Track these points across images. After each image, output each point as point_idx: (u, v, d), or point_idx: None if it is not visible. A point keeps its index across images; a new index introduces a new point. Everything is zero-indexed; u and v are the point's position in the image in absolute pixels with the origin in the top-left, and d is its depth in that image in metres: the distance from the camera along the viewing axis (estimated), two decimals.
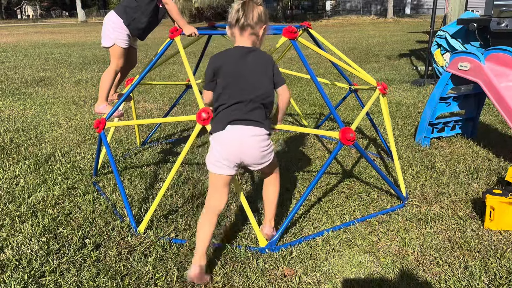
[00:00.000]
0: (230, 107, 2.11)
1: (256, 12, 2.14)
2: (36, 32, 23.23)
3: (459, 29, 6.75)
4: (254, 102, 2.11)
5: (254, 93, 2.11)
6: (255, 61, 2.16)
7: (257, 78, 2.14)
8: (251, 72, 2.14)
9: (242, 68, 2.13)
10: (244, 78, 2.12)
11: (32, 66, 9.70)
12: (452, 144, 3.99)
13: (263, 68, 2.17)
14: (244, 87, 2.11)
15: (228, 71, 2.14)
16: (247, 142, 2.09)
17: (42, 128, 4.69)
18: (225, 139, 2.09)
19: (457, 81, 3.85)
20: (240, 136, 2.08)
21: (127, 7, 3.13)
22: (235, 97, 2.10)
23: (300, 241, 2.40)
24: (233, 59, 2.16)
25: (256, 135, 2.10)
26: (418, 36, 15.94)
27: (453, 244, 2.38)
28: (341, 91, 6.29)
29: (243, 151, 2.09)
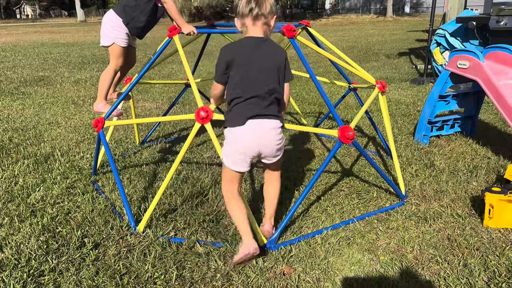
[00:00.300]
0: (246, 101, 2.12)
1: (268, 3, 2.16)
2: (35, 32, 23.22)
3: (458, 27, 6.76)
4: (270, 96, 2.14)
5: (268, 86, 2.13)
6: (269, 52, 2.18)
7: (271, 71, 2.16)
8: (265, 64, 2.15)
9: (256, 60, 2.14)
10: (258, 70, 2.13)
11: (31, 65, 9.70)
12: (451, 142, 3.99)
13: (277, 61, 2.18)
14: (259, 80, 2.13)
15: (242, 63, 2.14)
16: (266, 134, 2.14)
17: (41, 127, 4.68)
18: (244, 133, 2.12)
19: (456, 79, 3.85)
20: (261, 130, 2.12)
21: (126, 6, 3.13)
22: (250, 91, 2.12)
23: (299, 239, 2.40)
24: (246, 50, 2.17)
25: (274, 127, 2.16)
26: (417, 35, 15.94)
27: (452, 242, 2.38)
28: (341, 90, 6.29)
29: (261, 143, 2.14)
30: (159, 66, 9.15)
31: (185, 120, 4.79)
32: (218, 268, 2.18)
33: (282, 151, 2.27)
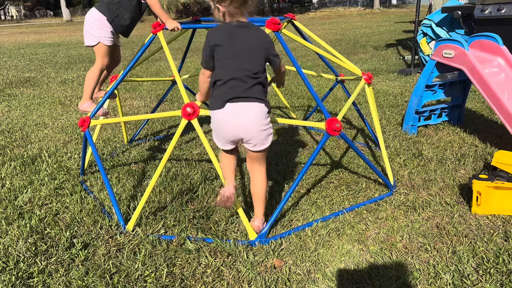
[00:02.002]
0: (226, 83, 2.13)
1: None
2: (21, 33, 22.92)
3: (444, 17, 6.78)
4: (251, 79, 2.13)
5: (250, 70, 2.13)
6: (253, 36, 2.18)
7: (254, 55, 2.16)
8: (247, 49, 2.15)
9: (239, 43, 2.14)
10: (240, 54, 2.13)
11: (16, 67, 9.58)
12: (439, 131, 4.02)
13: (260, 45, 2.18)
14: (240, 63, 2.13)
15: (225, 46, 2.15)
16: (247, 117, 2.14)
17: (28, 129, 4.63)
18: (221, 116, 2.16)
19: (442, 68, 3.87)
20: (240, 113, 2.13)
21: (109, 3, 3.09)
22: (231, 73, 2.13)
23: (290, 232, 2.41)
24: (229, 33, 2.16)
25: (256, 111, 2.15)
26: (404, 26, 16.00)
27: (441, 230, 2.40)
28: (329, 83, 6.30)
29: (241, 126, 2.15)
30: (146, 64, 9.09)
31: (173, 117, 4.76)
32: (208, 264, 2.17)
33: (269, 138, 2.25)
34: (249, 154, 2.32)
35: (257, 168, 2.36)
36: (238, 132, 2.18)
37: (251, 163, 2.36)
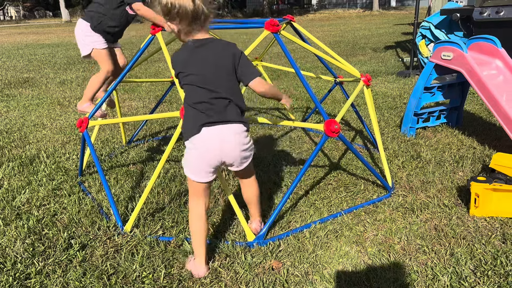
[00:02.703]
0: (198, 106, 1.97)
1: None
2: (20, 33, 22.90)
3: (443, 19, 6.80)
4: (221, 100, 1.96)
5: (219, 90, 1.95)
6: (213, 54, 1.95)
7: (219, 74, 1.95)
8: (211, 67, 1.95)
9: (198, 67, 1.95)
10: (205, 74, 1.95)
11: (15, 67, 9.57)
12: (437, 133, 4.02)
13: (223, 63, 1.96)
14: (207, 84, 1.95)
15: (187, 72, 1.97)
16: (227, 140, 1.99)
17: (26, 129, 4.63)
18: (201, 142, 1.98)
19: (441, 71, 3.88)
20: (218, 135, 1.97)
21: (92, 12, 3.11)
22: (198, 98, 1.96)
23: (288, 234, 2.41)
24: (188, 58, 1.97)
25: (236, 132, 2.01)
26: (403, 28, 16.02)
27: (439, 232, 2.40)
28: (328, 84, 6.30)
29: (223, 150, 1.99)
30: (145, 65, 9.09)
31: (172, 118, 4.76)
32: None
33: (250, 156, 2.14)
34: (235, 171, 2.22)
35: (246, 178, 2.29)
36: (220, 156, 2.01)
37: (239, 176, 2.29)
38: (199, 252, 2.10)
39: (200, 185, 2.06)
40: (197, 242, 2.10)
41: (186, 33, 1.94)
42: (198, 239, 2.09)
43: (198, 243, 2.09)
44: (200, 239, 2.09)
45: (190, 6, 1.83)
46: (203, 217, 2.09)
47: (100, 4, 3.11)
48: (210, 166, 2.03)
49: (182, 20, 1.88)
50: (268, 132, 4.27)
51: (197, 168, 2.03)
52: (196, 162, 2.02)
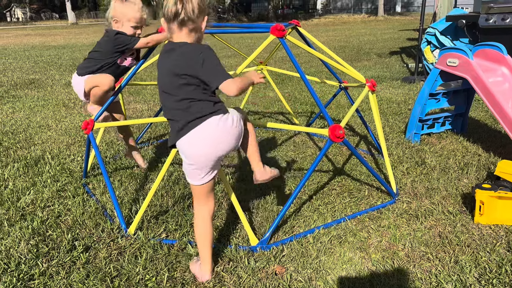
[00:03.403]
0: (168, 114, 1.98)
1: (196, 3, 1.87)
2: (26, 35, 23.05)
3: (448, 25, 6.79)
4: (184, 101, 1.90)
5: (178, 93, 1.90)
6: (179, 57, 1.89)
7: (176, 80, 1.89)
8: (171, 72, 1.90)
9: (165, 68, 1.94)
10: (165, 79, 1.94)
11: (21, 68, 9.62)
12: (442, 140, 4.01)
13: (187, 66, 1.87)
14: (167, 90, 1.94)
15: (159, 74, 1.98)
16: (208, 138, 1.91)
17: (31, 130, 4.65)
18: (185, 148, 1.95)
19: (446, 77, 3.87)
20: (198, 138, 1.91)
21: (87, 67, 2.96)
22: (164, 102, 1.98)
23: (291, 239, 2.40)
24: (161, 57, 1.98)
25: (212, 125, 1.91)
26: (408, 34, 16.02)
27: (443, 239, 2.39)
28: (333, 89, 6.30)
29: (210, 147, 1.93)
30: (150, 68, 9.11)
31: None
32: None
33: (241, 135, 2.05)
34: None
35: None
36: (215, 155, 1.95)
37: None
38: (205, 256, 2.09)
39: (199, 187, 2.03)
40: (203, 246, 2.09)
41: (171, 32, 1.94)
42: (203, 243, 2.09)
43: (204, 247, 2.09)
44: (205, 243, 2.08)
45: (172, 7, 1.85)
46: (206, 220, 2.08)
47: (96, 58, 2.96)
48: (205, 167, 1.97)
49: (165, 14, 1.90)
50: (272, 136, 4.27)
51: (192, 172, 2.00)
52: (189, 168, 2.00)
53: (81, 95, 3.03)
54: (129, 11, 2.87)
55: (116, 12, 2.88)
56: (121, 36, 2.85)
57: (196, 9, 1.87)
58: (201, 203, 2.08)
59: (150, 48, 2.96)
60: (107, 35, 2.91)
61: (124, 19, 2.88)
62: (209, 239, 2.08)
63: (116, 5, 2.88)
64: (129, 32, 2.92)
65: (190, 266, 2.16)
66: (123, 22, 2.89)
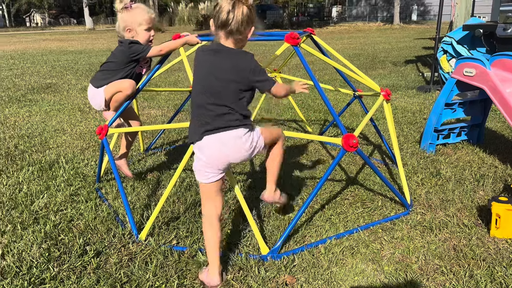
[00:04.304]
0: (197, 111, 2.04)
1: (246, 15, 1.97)
2: (44, 40, 23.48)
3: (465, 35, 6.72)
4: (222, 107, 1.98)
5: (219, 99, 1.98)
6: (228, 61, 1.99)
7: (224, 83, 1.98)
8: (218, 75, 1.99)
9: (210, 68, 2.01)
10: (210, 80, 2.00)
11: (39, 73, 9.79)
12: (458, 150, 3.95)
13: (236, 71, 1.98)
14: (208, 91, 2.00)
15: (197, 69, 2.05)
16: (227, 146, 2.01)
17: (47, 134, 4.71)
18: (203, 149, 2.04)
19: (462, 87, 3.82)
20: (218, 142, 2.00)
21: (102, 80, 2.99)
22: (199, 101, 2.03)
23: (303, 249, 2.37)
24: (204, 56, 2.05)
25: (236, 136, 2.01)
26: (424, 43, 15.90)
27: (458, 252, 2.34)
28: (347, 98, 6.26)
29: (226, 155, 2.03)
30: (165, 74, 9.19)
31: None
32: None
33: (259, 148, 2.13)
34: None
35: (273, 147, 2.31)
36: (227, 159, 2.04)
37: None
38: (213, 260, 2.08)
39: (208, 186, 2.08)
40: (210, 249, 2.09)
41: (215, 35, 2.06)
42: (211, 246, 2.09)
43: (211, 250, 2.09)
44: (213, 246, 2.08)
45: (224, 15, 1.96)
46: (214, 223, 2.09)
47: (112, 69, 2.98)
48: (216, 168, 2.06)
49: (214, 21, 2.02)
50: (284, 144, 4.25)
51: (203, 170, 2.07)
52: (202, 167, 2.07)
53: (99, 106, 3.05)
54: (137, 15, 2.92)
55: (126, 21, 2.92)
56: (135, 45, 2.89)
57: (245, 21, 1.98)
58: (208, 202, 2.12)
59: (163, 56, 2.98)
60: (122, 45, 2.94)
61: (136, 25, 2.92)
62: (217, 243, 2.09)
63: (123, 15, 2.92)
64: (145, 37, 2.96)
65: (199, 275, 2.15)
66: (135, 29, 2.93)
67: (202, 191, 2.14)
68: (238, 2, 1.96)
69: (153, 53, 2.90)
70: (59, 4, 60.25)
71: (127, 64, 2.94)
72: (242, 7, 1.96)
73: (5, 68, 10.55)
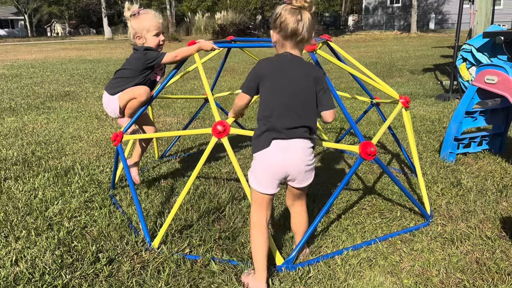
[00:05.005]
0: (271, 120, 2.02)
1: (312, 22, 2.01)
2: (64, 49, 23.93)
3: (485, 42, 6.59)
4: (300, 119, 2.03)
5: (296, 111, 2.02)
6: (305, 74, 2.05)
7: (302, 94, 2.04)
8: (296, 88, 2.03)
9: (287, 81, 2.03)
10: (288, 93, 2.02)
11: (58, 81, 9.94)
12: (479, 160, 3.84)
13: (312, 85, 2.06)
14: (291, 101, 2.02)
15: (274, 82, 2.03)
16: (292, 154, 2.03)
17: (63, 141, 4.74)
18: (269, 155, 2.02)
19: (483, 95, 3.72)
20: (285, 149, 2.02)
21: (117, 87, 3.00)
22: (281, 113, 2.01)
23: (318, 260, 2.31)
24: (281, 69, 2.05)
25: (302, 147, 2.05)
26: (442, 51, 15.69)
27: (481, 265, 2.25)
28: (363, 106, 6.18)
29: (288, 163, 2.03)
30: (181, 82, 9.25)
31: (204, 135, 4.77)
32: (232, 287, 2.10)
33: (313, 173, 2.16)
34: (292, 191, 2.22)
35: (298, 204, 2.28)
36: (285, 168, 2.04)
37: (293, 199, 2.27)
38: (261, 267, 2.04)
39: (265, 197, 2.08)
40: (259, 256, 2.05)
41: (284, 45, 2.07)
42: (260, 252, 2.05)
43: (260, 257, 2.05)
44: (263, 252, 2.05)
45: (293, 25, 1.98)
46: (265, 229, 2.08)
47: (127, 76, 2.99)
48: (276, 179, 2.06)
49: (281, 32, 2.03)
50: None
51: (264, 179, 2.05)
52: (263, 174, 2.05)
53: (114, 113, 3.05)
54: (145, 22, 2.93)
55: (135, 28, 2.95)
56: (150, 52, 2.89)
57: (312, 28, 2.03)
58: (260, 212, 2.10)
59: (178, 62, 2.97)
60: (137, 52, 2.95)
61: (144, 31, 2.94)
62: (266, 249, 2.07)
63: (132, 23, 2.95)
64: (154, 42, 2.96)
65: (242, 278, 2.12)
66: (144, 35, 2.94)
67: (254, 198, 2.11)
68: (303, 10, 1.98)
69: (168, 59, 2.89)
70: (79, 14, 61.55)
71: (142, 71, 2.94)
72: (307, 14, 1.99)
73: (25, 77, 10.75)
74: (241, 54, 15.04)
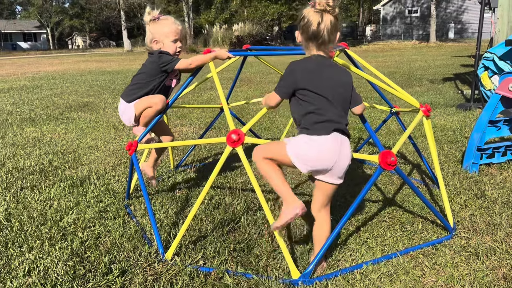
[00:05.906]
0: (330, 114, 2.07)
1: (335, 24, 2.04)
2: (84, 61, 24.40)
3: (507, 50, 6.43)
4: (344, 119, 2.13)
5: (343, 111, 2.14)
6: (340, 75, 2.14)
7: (343, 98, 2.13)
8: (337, 90, 2.10)
9: (329, 83, 2.08)
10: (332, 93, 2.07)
11: (77, 92, 10.08)
12: (503, 171, 3.69)
13: (348, 88, 2.16)
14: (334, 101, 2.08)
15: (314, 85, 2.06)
16: (345, 149, 2.09)
17: (80, 151, 4.76)
18: (327, 141, 2.04)
19: (507, 103, 3.59)
20: (341, 143, 2.07)
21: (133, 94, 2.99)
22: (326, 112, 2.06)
23: (337, 274, 2.22)
24: (318, 71, 2.08)
25: (349, 146, 2.13)
26: (462, 60, 15.44)
27: (508, 282, 2.13)
28: (382, 115, 6.08)
29: (340, 157, 2.07)
30: (198, 92, 9.27)
31: (220, 144, 4.74)
32: None
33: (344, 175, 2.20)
34: (324, 192, 2.19)
35: (325, 211, 2.25)
36: (336, 162, 2.07)
37: (320, 206, 2.23)
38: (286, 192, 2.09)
39: (290, 165, 2.10)
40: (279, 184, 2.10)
41: (306, 47, 2.14)
42: (280, 183, 2.10)
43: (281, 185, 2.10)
44: (283, 183, 2.10)
45: (314, 27, 2.01)
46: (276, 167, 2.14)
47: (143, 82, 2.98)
48: (319, 166, 2.07)
49: (303, 34, 2.08)
50: None
51: (310, 160, 2.05)
52: (311, 156, 2.04)
53: (129, 121, 3.04)
54: (164, 27, 2.93)
55: (153, 33, 2.95)
56: (165, 55, 2.88)
57: (334, 30, 2.04)
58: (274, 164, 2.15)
59: (193, 71, 2.94)
60: (152, 56, 2.94)
61: (163, 37, 2.93)
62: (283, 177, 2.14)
63: (150, 27, 2.95)
64: (172, 48, 2.95)
65: (273, 226, 2.13)
66: (162, 41, 2.93)
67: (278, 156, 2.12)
68: (325, 13, 2.00)
69: (182, 65, 2.87)
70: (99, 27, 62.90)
71: (157, 75, 2.93)
72: (330, 17, 2.00)
73: (46, 88, 10.95)
74: (258, 64, 15.07)
